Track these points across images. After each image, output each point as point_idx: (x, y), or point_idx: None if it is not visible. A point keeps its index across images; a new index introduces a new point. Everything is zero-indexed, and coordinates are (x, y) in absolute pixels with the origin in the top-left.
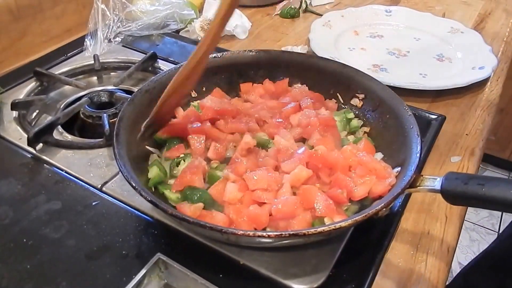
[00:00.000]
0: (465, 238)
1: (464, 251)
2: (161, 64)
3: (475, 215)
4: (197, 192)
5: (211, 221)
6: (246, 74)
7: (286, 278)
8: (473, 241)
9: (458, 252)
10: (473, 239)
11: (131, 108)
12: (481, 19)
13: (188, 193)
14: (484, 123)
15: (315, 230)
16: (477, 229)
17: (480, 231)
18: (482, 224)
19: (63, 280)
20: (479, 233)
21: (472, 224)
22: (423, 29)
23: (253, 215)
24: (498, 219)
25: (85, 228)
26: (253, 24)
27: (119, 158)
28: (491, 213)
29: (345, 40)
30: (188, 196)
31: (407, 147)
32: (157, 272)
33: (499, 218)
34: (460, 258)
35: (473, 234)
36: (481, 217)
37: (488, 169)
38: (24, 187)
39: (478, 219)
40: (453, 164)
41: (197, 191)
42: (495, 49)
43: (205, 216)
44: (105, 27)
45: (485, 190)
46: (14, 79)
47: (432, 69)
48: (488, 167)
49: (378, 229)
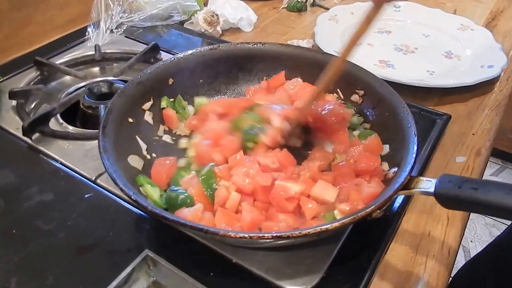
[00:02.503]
0: (485, 234)
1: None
2: (164, 56)
3: None
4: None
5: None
6: (244, 66)
7: (279, 278)
8: (493, 237)
9: (478, 247)
10: (493, 235)
11: (122, 100)
12: (492, 17)
13: (172, 196)
14: (491, 123)
15: (300, 233)
16: (497, 225)
17: (501, 227)
18: (503, 221)
19: (50, 274)
20: (499, 229)
21: (492, 220)
22: (432, 25)
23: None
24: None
25: (77, 220)
26: (259, 18)
27: (103, 152)
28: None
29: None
30: (172, 199)
31: (404, 147)
32: (145, 269)
33: None
34: None
35: (493, 230)
36: None
37: (508, 167)
38: (18, 178)
39: None
40: (458, 165)
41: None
42: (506, 47)
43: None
44: (108, 18)
45: (478, 194)
46: (15, 68)
47: (440, 66)
48: (508, 165)
49: (377, 230)
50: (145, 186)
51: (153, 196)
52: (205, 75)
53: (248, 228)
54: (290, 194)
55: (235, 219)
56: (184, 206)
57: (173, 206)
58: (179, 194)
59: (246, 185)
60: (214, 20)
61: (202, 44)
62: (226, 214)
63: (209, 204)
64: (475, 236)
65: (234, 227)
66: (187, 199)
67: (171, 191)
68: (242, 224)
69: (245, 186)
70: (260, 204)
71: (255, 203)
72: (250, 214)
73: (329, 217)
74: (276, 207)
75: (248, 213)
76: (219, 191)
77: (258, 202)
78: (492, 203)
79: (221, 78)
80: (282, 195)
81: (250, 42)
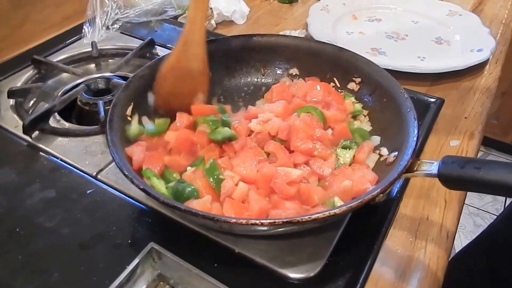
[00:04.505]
0: (469, 224)
1: (469, 237)
2: (159, 51)
3: (479, 200)
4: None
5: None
6: (242, 59)
7: (282, 266)
8: (477, 226)
9: (462, 237)
10: (477, 225)
11: (126, 94)
12: (479, 2)
13: (179, 188)
14: (483, 106)
15: (309, 217)
16: (481, 214)
17: (485, 216)
18: (486, 209)
19: (56, 270)
20: (484, 218)
21: (476, 209)
22: (421, 12)
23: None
24: (502, 204)
25: (80, 216)
26: (251, 10)
27: (111, 145)
28: (495, 198)
29: (343, 24)
30: (179, 192)
31: (404, 131)
32: (150, 262)
33: (503, 203)
34: (464, 243)
35: (477, 219)
36: (485, 202)
37: (492, 153)
38: (19, 176)
39: (482, 204)
40: (452, 148)
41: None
42: (494, 31)
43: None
44: (103, 14)
45: (482, 173)
46: (12, 67)
47: (430, 52)
48: (492, 151)
49: (377, 215)
50: (152, 179)
51: (161, 189)
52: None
53: (257, 216)
54: (292, 178)
55: (244, 208)
56: (192, 198)
57: (179, 199)
58: (186, 186)
59: (250, 173)
60: (209, 13)
61: None
62: (234, 204)
63: (215, 195)
64: (459, 226)
65: (243, 216)
66: (194, 192)
67: (179, 184)
68: (250, 213)
69: (248, 175)
70: (262, 191)
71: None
72: (259, 203)
73: (330, 204)
74: (279, 192)
75: (256, 201)
76: (226, 182)
77: (261, 190)
78: (496, 182)
79: (219, 70)
80: (284, 180)
81: (247, 34)
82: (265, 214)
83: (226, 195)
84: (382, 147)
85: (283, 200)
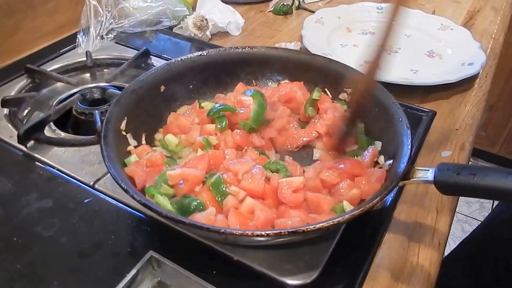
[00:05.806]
0: (458, 230)
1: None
2: (154, 61)
3: (467, 207)
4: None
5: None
6: (233, 71)
7: (279, 274)
8: (465, 233)
9: (451, 243)
10: (466, 231)
11: (118, 109)
12: (470, 16)
13: (185, 203)
14: (473, 119)
15: (314, 227)
16: (469, 221)
17: (472, 223)
18: (474, 216)
19: (54, 279)
20: (471, 225)
21: (464, 216)
22: (414, 26)
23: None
24: (488, 211)
25: (77, 226)
26: (246, 21)
27: (107, 161)
28: (482, 205)
29: (337, 37)
30: (185, 206)
31: (397, 140)
32: (150, 270)
33: (490, 211)
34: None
35: (466, 226)
36: (472, 210)
37: (479, 163)
38: (15, 185)
39: (470, 212)
40: (443, 159)
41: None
42: (484, 45)
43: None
44: (98, 24)
45: (477, 179)
46: (5, 76)
47: (423, 65)
48: (479, 161)
49: (371, 223)
50: (156, 197)
51: (167, 206)
52: (195, 80)
53: (262, 227)
54: (295, 185)
55: (248, 219)
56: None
57: (185, 213)
58: (191, 200)
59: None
60: (204, 24)
61: (192, 48)
62: (239, 215)
63: (220, 208)
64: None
65: (248, 227)
66: (200, 206)
67: (184, 198)
68: (256, 223)
69: (255, 189)
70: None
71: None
72: (264, 213)
73: (339, 209)
74: (288, 201)
75: (261, 211)
76: (227, 200)
77: (269, 201)
78: (490, 187)
79: (210, 82)
80: (289, 189)
81: (239, 47)
82: (270, 224)
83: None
84: (380, 155)
85: (289, 209)
